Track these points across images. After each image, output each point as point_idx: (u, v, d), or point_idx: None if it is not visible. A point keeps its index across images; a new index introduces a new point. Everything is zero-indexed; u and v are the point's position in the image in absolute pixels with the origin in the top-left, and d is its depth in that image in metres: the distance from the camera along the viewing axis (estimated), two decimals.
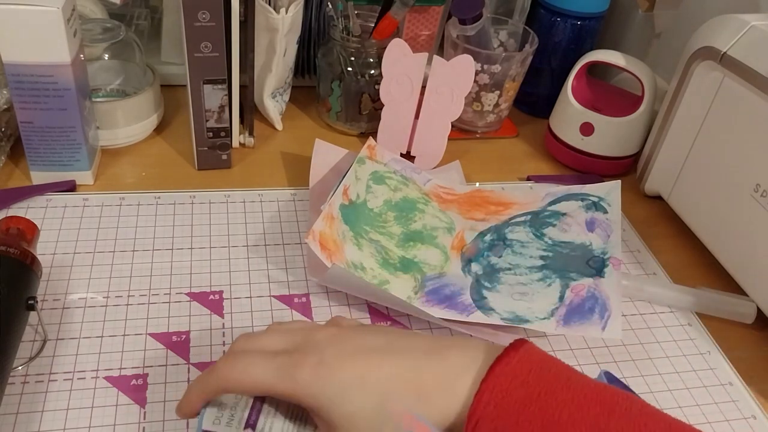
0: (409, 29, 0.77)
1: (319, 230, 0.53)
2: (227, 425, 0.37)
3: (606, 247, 0.55)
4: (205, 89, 0.61)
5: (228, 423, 0.37)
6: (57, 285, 0.52)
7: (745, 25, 0.56)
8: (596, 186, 0.60)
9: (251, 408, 0.38)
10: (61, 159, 0.60)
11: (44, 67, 0.54)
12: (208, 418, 0.38)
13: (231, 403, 0.38)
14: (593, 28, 0.77)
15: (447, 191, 0.64)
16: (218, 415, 0.38)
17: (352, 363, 0.36)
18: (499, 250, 0.58)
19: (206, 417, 0.38)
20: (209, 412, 0.38)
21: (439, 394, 0.34)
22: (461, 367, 0.35)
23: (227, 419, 0.38)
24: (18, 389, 0.44)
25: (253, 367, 0.37)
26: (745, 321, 0.56)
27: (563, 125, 0.73)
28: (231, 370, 0.37)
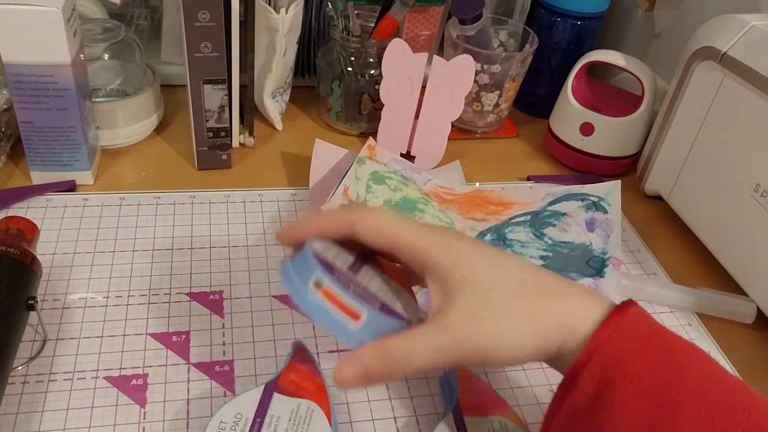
0: (409, 29, 0.77)
1: None
2: (334, 258, 0.37)
3: (606, 247, 0.55)
4: (205, 89, 0.61)
5: (334, 258, 0.37)
6: (57, 285, 0.51)
7: (745, 25, 0.56)
8: (596, 186, 0.60)
9: (355, 260, 0.38)
10: (61, 159, 0.60)
11: (44, 67, 0.54)
12: (318, 245, 0.37)
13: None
14: (593, 28, 0.77)
15: (447, 191, 0.64)
16: (325, 250, 0.37)
17: (494, 249, 0.37)
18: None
19: (316, 243, 0.37)
20: (318, 242, 0.37)
21: (576, 299, 0.35)
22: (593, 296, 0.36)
23: (333, 255, 0.37)
24: (18, 389, 0.44)
25: (393, 218, 0.37)
26: (745, 321, 0.56)
27: (563, 125, 0.73)
28: (370, 213, 0.37)
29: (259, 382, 0.45)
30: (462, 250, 0.36)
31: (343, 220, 0.37)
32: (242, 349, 0.48)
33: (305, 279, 0.35)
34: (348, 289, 0.35)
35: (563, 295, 0.35)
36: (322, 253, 0.37)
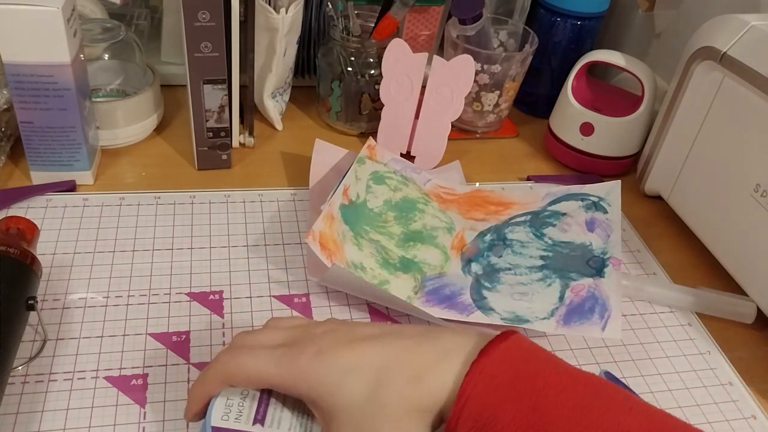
0: (409, 29, 0.77)
1: (319, 230, 0.53)
2: (236, 420, 0.38)
3: (606, 247, 0.55)
4: (205, 89, 0.61)
5: (237, 418, 0.38)
6: (57, 285, 0.52)
7: (745, 25, 0.56)
8: (596, 186, 0.60)
9: (259, 402, 0.39)
10: (61, 159, 0.60)
11: (44, 67, 0.54)
12: (216, 415, 0.38)
13: (238, 399, 0.38)
14: (593, 28, 0.77)
15: (447, 191, 0.64)
16: (226, 411, 0.38)
17: (349, 350, 0.37)
18: (499, 250, 0.58)
19: (214, 413, 0.38)
20: (217, 408, 0.38)
21: (430, 375, 0.35)
22: (452, 348, 0.36)
23: (236, 415, 0.38)
24: (18, 389, 0.44)
25: (253, 358, 0.38)
26: (745, 321, 0.56)
27: (563, 125, 0.73)
28: (231, 362, 0.38)
29: None
30: (321, 376, 0.36)
31: (219, 378, 0.38)
32: None
33: None
34: None
35: (422, 376, 0.35)
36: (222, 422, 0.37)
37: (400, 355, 0.36)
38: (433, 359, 0.36)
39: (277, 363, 0.37)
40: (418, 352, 0.36)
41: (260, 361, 0.37)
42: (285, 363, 0.37)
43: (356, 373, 0.36)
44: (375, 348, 0.37)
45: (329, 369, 0.36)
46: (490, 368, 0.34)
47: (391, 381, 0.35)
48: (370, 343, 0.37)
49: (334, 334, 0.38)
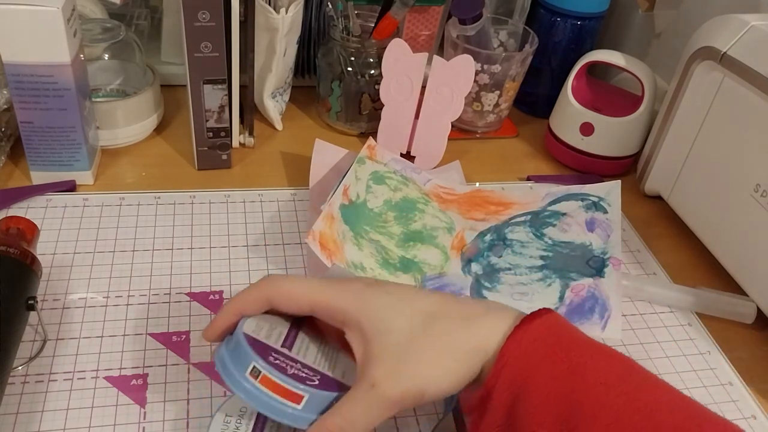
0: (409, 29, 0.77)
1: (319, 230, 0.53)
2: (266, 337, 0.38)
3: (606, 247, 0.55)
4: (205, 89, 0.61)
5: (267, 336, 0.38)
6: (57, 285, 0.51)
7: (745, 25, 0.56)
8: (596, 186, 0.60)
9: (288, 331, 0.39)
10: (61, 159, 0.60)
11: (44, 67, 0.54)
12: (249, 326, 0.38)
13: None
14: (593, 28, 0.77)
15: (447, 191, 0.64)
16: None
17: (400, 288, 0.38)
18: (499, 250, 0.58)
19: (246, 325, 0.38)
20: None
21: (482, 321, 0.36)
22: (501, 311, 0.38)
23: (266, 332, 0.38)
24: (18, 389, 0.44)
25: (302, 281, 0.39)
26: (745, 321, 0.56)
27: (563, 125, 0.73)
28: (279, 282, 0.39)
29: None
30: (371, 300, 0.37)
31: (259, 297, 0.39)
32: None
33: (241, 368, 0.36)
34: (285, 371, 0.36)
35: (472, 319, 0.37)
36: (253, 335, 0.38)
37: (454, 303, 0.38)
38: (484, 313, 0.37)
39: (328, 285, 0.38)
40: (470, 304, 0.38)
41: (310, 283, 0.38)
42: (336, 286, 0.38)
43: (410, 302, 0.37)
44: (427, 294, 0.38)
45: (383, 295, 0.37)
46: (531, 333, 0.35)
47: (444, 315, 0.36)
48: (422, 291, 0.39)
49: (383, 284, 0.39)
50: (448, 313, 0.37)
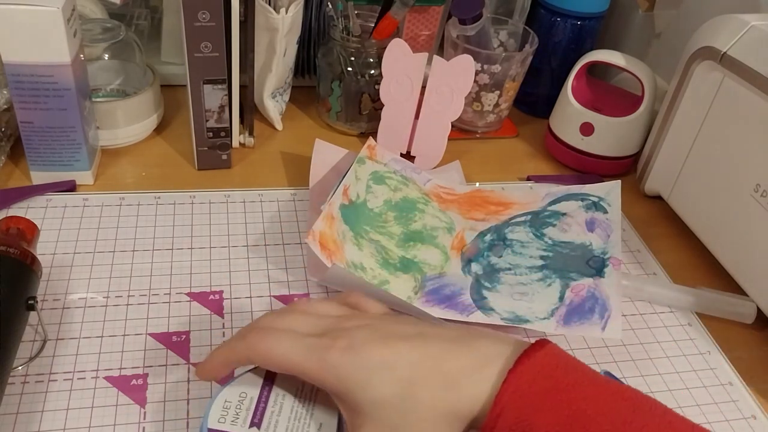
0: (409, 29, 0.77)
1: (319, 230, 0.53)
2: (232, 423, 0.38)
3: (606, 247, 0.55)
4: (205, 89, 0.61)
5: (233, 421, 0.38)
6: (57, 285, 0.51)
7: (745, 25, 0.56)
8: (596, 186, 0.60)
9: (256, 405, 0.39)
10: (61, 159, 0.60)
11: (44, 67, 0.54)
12: (213, 417, 0.38)
13: (235, 401, 0.39)
14: (593, 28, 0.77)
15: (447, 191, 0.64)
16: (223, 413, 0.38)
17: (381, 348, 0.36)
18: (499, 250, 0.58)
19: (211, 414, 0.38)
20: (214, 410, 0.38)
21: (466, 381, 0.34)
22: (490, 356, 0.35)
23: (232, 417, 0.38)
24: (18, 389, 0.44)
25: (282, 344, 0.37)
26: (745, 321, 0.56)
27: (563, 125, 0.73)
28: (260, 343, 0.37)
29: None
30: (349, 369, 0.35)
31: (241, 354, 0.38)
32: None
33: None
34: None
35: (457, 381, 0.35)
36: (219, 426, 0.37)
37: (436, 358, 0.35)
38: (470, 365, 0.35)
39: (307, 352, 0.36)
40: (455, 357, 0.35)
41: (289, 348, 0.36)
42: (315, 353, 0.36)
43: (389, 371, 0.35)
44: (410, 347, 0.36)
45: (361, 364, 0.35)
46: (527, 377, 0.33)
47: (426, 383, 0.35)
48: (405, 342, 0.36)
49: (368, 329, 0.37)
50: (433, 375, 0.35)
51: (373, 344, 0.36)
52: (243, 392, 0.39)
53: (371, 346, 0.36)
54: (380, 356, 0.35)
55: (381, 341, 0.36)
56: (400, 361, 0.35)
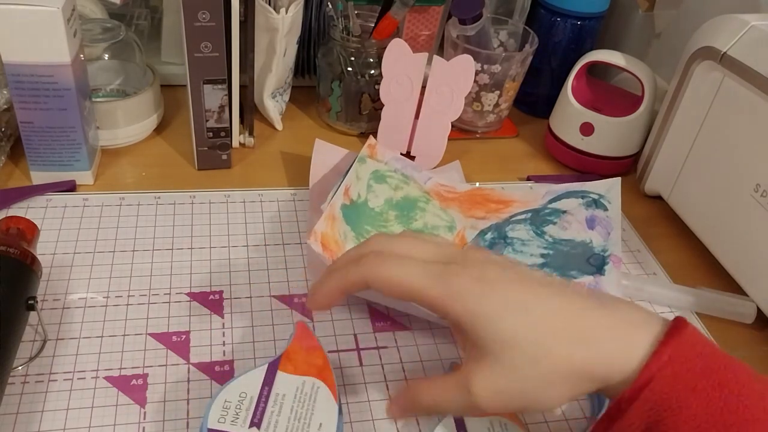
0: (409, 29, 0.77)
1: (321, 231, 0.53)
2: (232, 423, 0.38)
3: (606, 245, 0.55)
4: (205, 89, 0.61)
5: (233, 421, 0.38)
6: (57, 285, 0.51)
7: (745, 25, 0.56)
8: (596, 183, 0.60)
9: (256, 405, 0.39)
10: (61, 159, 0.60)
11: (44, 67, 0.54)
12: (213, 417, 0.38)
13: (236, 401, 0.39)
14: (593, 28, 0.77)
15: (448, 189, 0.64)
16: (222, 413, 0.38)
17: (519, 287, 0.33)
18: (499, 248, 0.58)
19: (210, 415, 0.38)
20: (214, 410, 0.38)
21: (610, 342, 0.32)
22: (637, 322, 0.33)
23: (232, 417, 0.38)
24: (18, 389, 0.44)
25: (405, 268, 0.34)
26: (745, 321, 0.56)
27: (563, 125, 0.73)
28: (380, 266, 0.35)
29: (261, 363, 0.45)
30: (480, 300, 0.33)
31: (358, 279, 0.36)
32: (242, 349, 0.48)
33: None
34: None
35: (599, 342, 0.32)
36: (219, 426, 0.37)
37: (579, 310, 0.33)
38: (615, 327, 0.32)
39: (434, 278, 0.33)
40: (599, 314, 0.33)
41: (413, 272, 0.34)
42: (443, 279, 0.33)
43: (525, 313, 0.32)
44: (550, 293, 0.33)
45: (495, 298, 0.32)
46: (680, 352, 0.31)
47: (564, 334, 0.32)
48: (544, 288, 0.33)
49: (500, 266, 0.34)
50: (570, 330, 0.32)
51: (509, 281, 0.33)
52: (243, 392, 0.39)
53: (507, 284, 0.33)
54: (518, 295, 0.33)
55: (518, 280, 0.34)
56: (539, 305, 0.33)
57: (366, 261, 0.36)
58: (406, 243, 0.37)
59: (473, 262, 0.34)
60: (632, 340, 0.32)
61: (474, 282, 0.33)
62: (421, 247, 0.36)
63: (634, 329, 0.32)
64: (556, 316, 0.33)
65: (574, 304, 0.33)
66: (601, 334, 0.32)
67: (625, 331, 0.32)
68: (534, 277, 0.34)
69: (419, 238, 0.38)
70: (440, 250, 0.36)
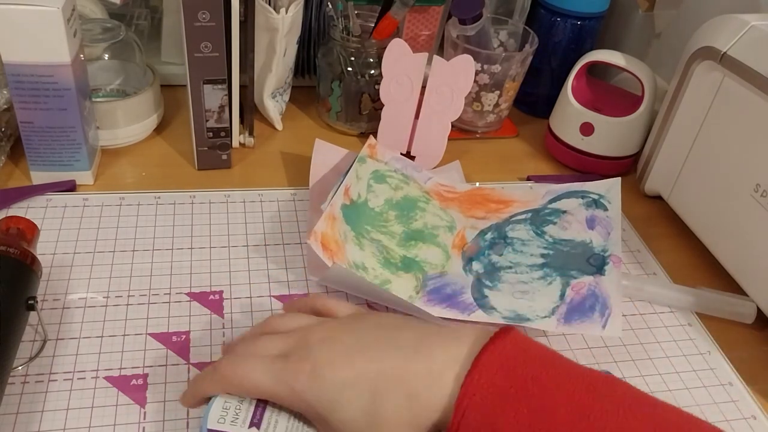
0: (409, 29, 0.77)
1: (321, 231, 0.53)
2: (232, 423, 0.38)
3: (606, 245, 0.55)
4: (205, 89, 0.61)
5: (233, 421, 0.38)
6: (57, 285, 0.51)
7: (745, 25, 0.56)
8: (596, 183, 0.60)
9: (256, 406, 0.39)
10: (61, 159, 0.60)
11: (44, 67, 0.54)
12: (213, 416, 0.38)
13: (235, 402, 0.39)
14: (593, 28, 0.77)
15: (448, 189, 0.64)
16: (222, 414, 0.38)
17: (343, 364, 0.37)
18: (500, 248, 0.58)
19: (211, 415, 0.38)
20: (214, 410, 0.38)
21: (426, 391, 0.35)
22: (446, 362, 0.36)
23: (232, 417, 0.38)
24: (18, 389, 0.44)
25: (253, 372, 0.38)
26: (745, 321, 0.56)
27: (563, 125, 0.73)
28: (232, 373, 0.38)
29: None
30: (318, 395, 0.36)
31: (218, 388, 0.39)
32: None
33: None
34: None
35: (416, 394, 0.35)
36: (219, 426, 0.37)
37: (394, 369, 0.36)
38: (428, 375, 0.36)
39: (275, 379, 0.37)
40: (413, 368, 0.36)
41: (258, 374, 0.38)
42: (282, 380, 0.37)
43: (352, 389, 0.36)
44: (368, 361, 0.37)
45: (326, 387, 0.36)
46: (485, 378, 0.34)
47: (387, 397, 0.36)
48: (364, 356, 0.37)
49: (329, 344, 0.38)
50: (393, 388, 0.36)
51: (334, 364, 0.37)
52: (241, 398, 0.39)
53: (333, 367, 0.37)
54: (342, 376, 0.36)
55: (344, 357, 0.37)
56: (361, 376, 0.36)
57: (221, 367, 0.39)
58: (257, 342, 0.40)
59: (308, 350, 0.38)
60: (443, 383, 0.35)
61: (308, 377, 0.37)
62: (267, 344, 0.40)
63: (443, 373, 0.35)
64: (377, 381, 0.36)
65: (391, 362, 0.37)
66: (418, 386, 0.35)
67: (438, 377, 0.35)
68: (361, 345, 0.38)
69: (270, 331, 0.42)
70: (286, 342, 0.39)
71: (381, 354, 0.37)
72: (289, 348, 0.39)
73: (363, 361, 0.37)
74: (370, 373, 0.36)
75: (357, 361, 0.37)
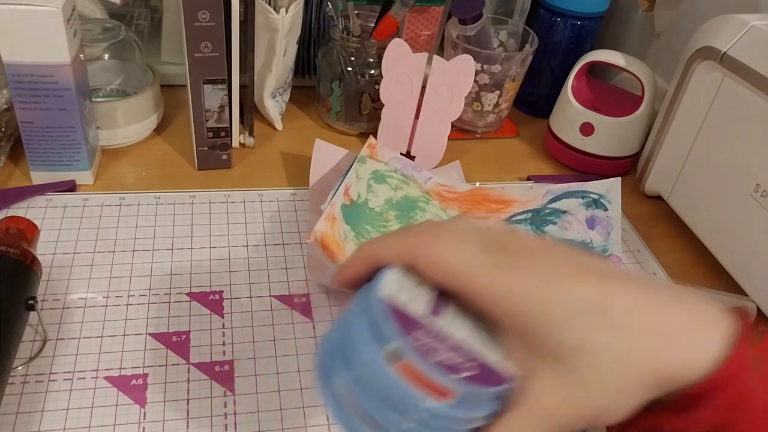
0: (409, 29, 0.77)
1: (321, 231, 0.53)
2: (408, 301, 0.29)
3: (606, 245, 0.55)
4: (205, 89, 0.61)
5: (409, 299, 0.30)
6: (57, 285, 0.51)
7: (745, 25, 0.56)
8: (596, 183, 0.60)
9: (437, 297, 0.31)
10: (61, 159, 0.60)
11: (44, 67, 0.54)
12: (387, 286, 0.29)
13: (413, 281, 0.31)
14: (593, 28, 0.77)
15: (448, 189, 0.64)
16: (398, 287, 0.30)
17: (587, 281, 0.29)
18: None
19: (384, 284, 0.29)
20: (388, 280, 0.30)
21: (687, 338, 0.28)
22: (710, 317, 0.29)
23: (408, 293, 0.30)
24: (18, 389, 0.44)
25: (458, 250, 0.29)
26: None
27: (563, 125, 0.73)
28: (429, 244, 0.30)
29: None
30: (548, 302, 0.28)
31: (403, 252, 0.31)
32: (242, 349, 0.48)
33: (376, 345, 0.28)
34: (434, 356, 0.28)
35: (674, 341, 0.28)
36: (393, 298, 0.29)
37: (654, 308, 0.29)
38: (689, 322, 0.29)
39: (489, 268, 0.29)
40: (673, 310, 0.29)
41: (467, 257, 0.29)
42: (498, 271, 0.29)
43: (600, 314, 0.28)
44: (624, 290, 0.29)
45: (562, 300, 0.28)
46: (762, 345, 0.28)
47: (643, 336, 0.28)
48: (612, 282, 0.29)
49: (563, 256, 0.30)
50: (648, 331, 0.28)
51: (576, 275, 0.29)
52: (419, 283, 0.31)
53: (576, 280, 0.29)
54: (589, 293, 0.28)
55: (584, 272, 0.29)
56: (615, 301, 0.28)
57: (415, 234, 0.30)
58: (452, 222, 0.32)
59: (529, 252, 0.30)
60: (709, 339, 0.28)
61: (539, 280, 0.29)
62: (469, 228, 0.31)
63: (710, 327, 0.29)
64: (634, 315, 0.28)
65: (650, 297, 0.29)
66: (679, 333, 0.28)
67: (703, 329, 0.29)
68: (603, 269, 0.30)
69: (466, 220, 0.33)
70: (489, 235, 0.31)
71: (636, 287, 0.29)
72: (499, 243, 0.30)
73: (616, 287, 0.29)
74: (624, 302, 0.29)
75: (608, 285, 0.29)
